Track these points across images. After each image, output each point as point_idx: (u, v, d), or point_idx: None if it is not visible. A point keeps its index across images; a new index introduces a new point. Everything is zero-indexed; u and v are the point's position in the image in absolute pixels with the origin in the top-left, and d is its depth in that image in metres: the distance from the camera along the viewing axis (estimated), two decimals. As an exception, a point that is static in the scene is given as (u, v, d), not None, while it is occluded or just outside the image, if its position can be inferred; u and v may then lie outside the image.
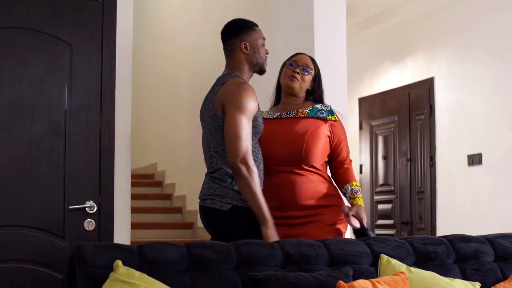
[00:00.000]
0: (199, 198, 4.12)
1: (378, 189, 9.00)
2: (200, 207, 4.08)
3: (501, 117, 7.19)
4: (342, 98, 5.29)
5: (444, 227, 7.61)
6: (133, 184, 5.27)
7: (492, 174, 7.24)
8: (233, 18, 4.30)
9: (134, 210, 5.12)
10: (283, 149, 4.16)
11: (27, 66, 4.43)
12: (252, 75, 4.25)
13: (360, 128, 9.41)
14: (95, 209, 4.47)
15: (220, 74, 4.14)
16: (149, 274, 3.10)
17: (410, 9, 8.12)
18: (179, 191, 8.40)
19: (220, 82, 4.07)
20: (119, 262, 3.10)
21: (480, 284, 3.67)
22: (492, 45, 7.31)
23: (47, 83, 4.45)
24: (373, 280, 3.33)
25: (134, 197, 5.19)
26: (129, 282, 3.00)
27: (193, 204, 7.87)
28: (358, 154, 9.29)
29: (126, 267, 3.09)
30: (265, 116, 4.30)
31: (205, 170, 7.02)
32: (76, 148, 4.48)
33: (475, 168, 7.43)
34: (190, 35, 8.51)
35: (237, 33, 4.15)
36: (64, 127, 4.46)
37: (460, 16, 7.74)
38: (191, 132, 8.09)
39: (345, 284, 3.18)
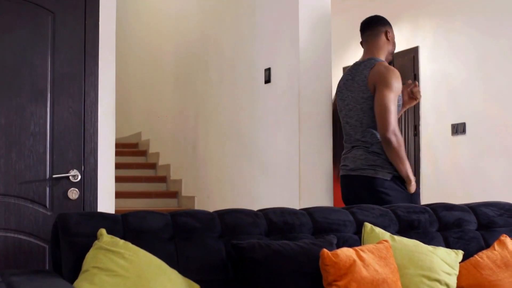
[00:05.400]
0: (350, 168, 4.59)
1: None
2: (356, 176, 4.55)
3: (485, 87, 7.21)
4: (327, 67, 5.28)
5: (428, 195, 7.65)
6: (117, 154, 5.26)
7: (476, 143, 7.27)
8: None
9: (118, 179, 5.12)
10: None
11: (9, 34, 4.38)
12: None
13: (345, 97, 9.42)
14: (79, 178, 4.46)
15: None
16: (133, 243, 3.10)
17: (395, -22, 8.11)
18: (163, 160, 8.40)
19: (367, 66, 4.64)
20: (103, 231, 3.10)
21: (463, 252, 3.70)
22: (476, 15, 7.31)
23: (30, 52, 4.42)
24: (356, 248, 3.35)
25: (118, 166, 5.18)
26: (113, 250, 3.01)
27: (177, 174, 7.88)
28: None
29: (110, 236, 3.09)
30: None
31: (189, 140, 7.05)
32: (60, 117, 4.45)
33: (459, 137, 7.46)
34: (173, 5, 8.47)
35: (383, 22, 4.83)
36: (47, 96, 4.43)
37: (445, -15, 7.73)
38: (175, 102, 8.08)
39: (329, 252, 3.20)
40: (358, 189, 4.57)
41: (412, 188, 4.52)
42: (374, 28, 4.80)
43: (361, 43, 4.92)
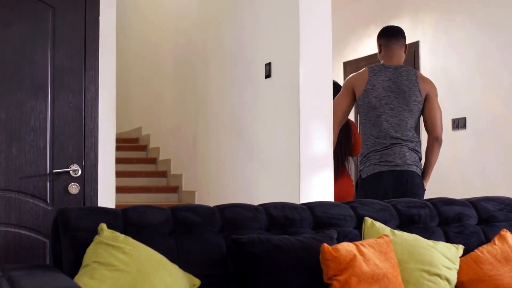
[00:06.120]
0: (395, 164, 4.96)
1: (363, 153, 8.99)
2: (402, 171, 4.95)
3: (485, 82, 7.20)
4: (327, 62, 5.27)
5: (428, 190, 7.63)
6: (118, 148, 5.25)
7: (476, 138, 7.27)
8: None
9: (118, 174, 5.11)
10: None
11: (9, 29, 4.38)
12: None
13: (345, 92, 9.39)
14: (80, 172, 4.46)
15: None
16: (133, 237, 3.11)
17: (396, -28, 8.10)
18: (164, 155, 8.40)
19: (411, 74, 5.12)
20: (103, 225, 3.10)
21: (463, 247, 3.70)
22: (476, 10, 7.30)
23: (30, 46, 4.41)
24: (357, 242, 3.35)
25: (118, 161, 5.18)
26: (114, 245, 3.01)
27: (177, 168, 7.87)
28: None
29: (110, 230, 3.09)
30: None
31: (189, 135, 7.04)
32: (60, 112, 4.45)
33: (460, 132, 7.45)
34: (173, 1, 8.46)
35: (405, 36, 5.31)
36: (48, 91, 4.43)
37: (445, -21, 7.72)
38: (175, 97, 8.07)
39: (329, 246, 3.20)
40: (402, 183, 4.95)
41: (426, 184, 5.12)
42: (400, 39, 5.23)
43: (381, 46, 5.22)
